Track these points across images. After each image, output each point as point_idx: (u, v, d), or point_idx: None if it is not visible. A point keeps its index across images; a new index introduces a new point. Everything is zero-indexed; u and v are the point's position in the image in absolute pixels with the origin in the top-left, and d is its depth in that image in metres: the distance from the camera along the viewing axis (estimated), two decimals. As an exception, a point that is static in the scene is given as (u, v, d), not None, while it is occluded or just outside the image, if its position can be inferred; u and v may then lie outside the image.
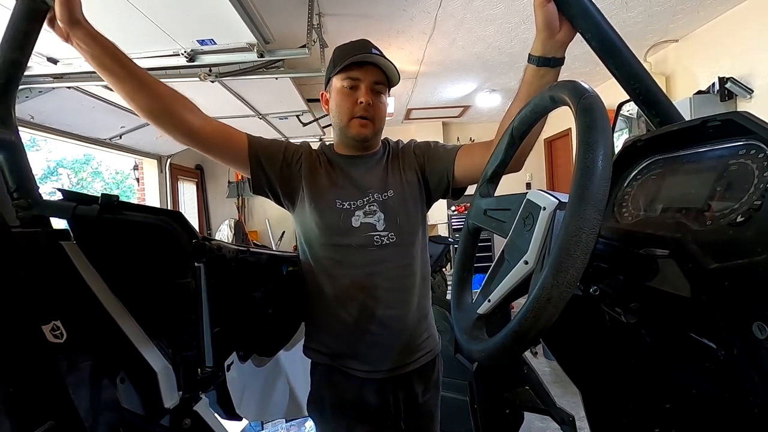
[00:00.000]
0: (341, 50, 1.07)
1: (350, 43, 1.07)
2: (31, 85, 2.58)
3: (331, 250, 1.05)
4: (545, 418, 1.70)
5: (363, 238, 1.03)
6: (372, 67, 1.03)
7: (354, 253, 1.03)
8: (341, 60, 1.04)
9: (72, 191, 0.92)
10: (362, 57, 1.02)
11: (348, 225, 1.03)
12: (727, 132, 0.55)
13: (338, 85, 1.06)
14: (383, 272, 1.04)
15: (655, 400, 0.69)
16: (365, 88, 1.03)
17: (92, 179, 10.81)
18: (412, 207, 1.10)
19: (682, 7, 3.04)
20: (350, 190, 1.07)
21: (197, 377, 0.94)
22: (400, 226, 1.05)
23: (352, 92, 1.04)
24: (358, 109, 1.04)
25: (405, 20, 3.03)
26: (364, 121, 1.05)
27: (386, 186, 1.08)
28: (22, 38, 0.88)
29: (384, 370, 1.05)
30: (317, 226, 1.04)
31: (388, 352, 1.05)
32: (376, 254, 1.03)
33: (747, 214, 0.46)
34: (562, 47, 0.86)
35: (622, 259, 0.59)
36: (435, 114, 5.79)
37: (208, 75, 2.58)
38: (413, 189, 1.10)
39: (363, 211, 1.04)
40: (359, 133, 1.06)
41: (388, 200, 1.06)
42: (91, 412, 0.75)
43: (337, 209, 1.04)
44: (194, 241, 0.92)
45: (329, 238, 1.04)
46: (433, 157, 1.11)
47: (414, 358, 1.08)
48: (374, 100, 1.05)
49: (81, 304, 0.85)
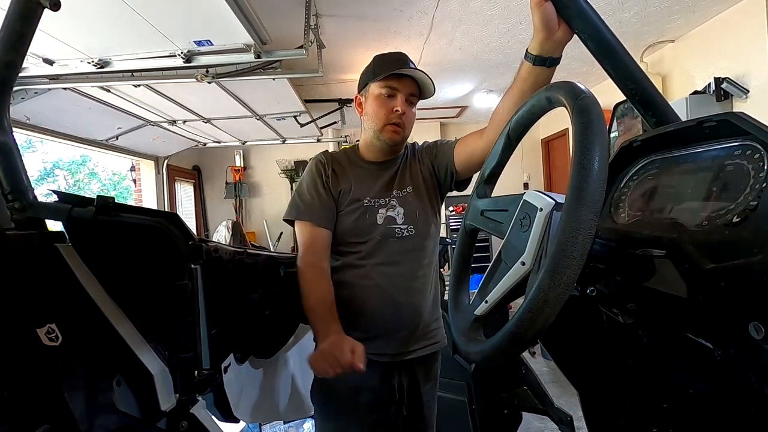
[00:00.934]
0: (383, 60, 1.16)
1: (390, 55, 1.17)
2: (26, 86, 2.57)
3: (357, 246, 1.13)
4: (543, 418, 1.70)
5: (385, 230, 1.13)
6: (409, 79, 1.13)
7: (378, 244, 1.12)
8: (382, 69, 1.12)
9: (67, 193, 0.92)
10: (404, 70, 1.11)
11: (373, 221, 1.13)
12: (722, 132, 0.55)
13: (377, 92, 1.14)
14: (403, 262, 1.13)
15: (653, 400, 0.69)
16: (402, 98, 1.13)
17: (89, 181, 10.76)
18: (428, 202, 1.20)
19: (678, 7, 3.06)
20: (378, 191, 1.16)
21: (194, 380, 0.94)
22: (417, 220, 1.15)
23: (390, 100, 1.13)
24: (394, 117, 1.12)
25: (402, 21, 3.03)
26: (397, 128, 1.13)
27: (405, 183, 1.19)
28: (17, 39, 0.87)
29: (390, 354, 1.11)
30: (347, 223, 1.14)
31: (398, 336, 1.11)
32: (398, 245, 1.13)
33: (743, 214, 0.46)
34: (559, 47, 0.86)
35: (619, 259, 0.59)
36: (432, 114, 5.79)
37: (205, 76, 2.58)
38: (428, 186, 1.21)
39: (386, 208, 1.15)
40: (391, 138, 1.14)
41: (407, 196, 1.17)
42: (86, 415, 0.75)
43: (365, 207, 1.14)
44: (191, 243, 0.92)
45: (356, 235, 1.13)
46: (439, 153, 1.21)
47: (421, 345, 1.15)
48: (408, 110, 1.14)
49: (77, 307, 0.84)
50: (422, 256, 1.16)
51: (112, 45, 2.24)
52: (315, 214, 1.13)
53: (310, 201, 1.14)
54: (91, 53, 2.28)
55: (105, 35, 2.14)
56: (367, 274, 1.12)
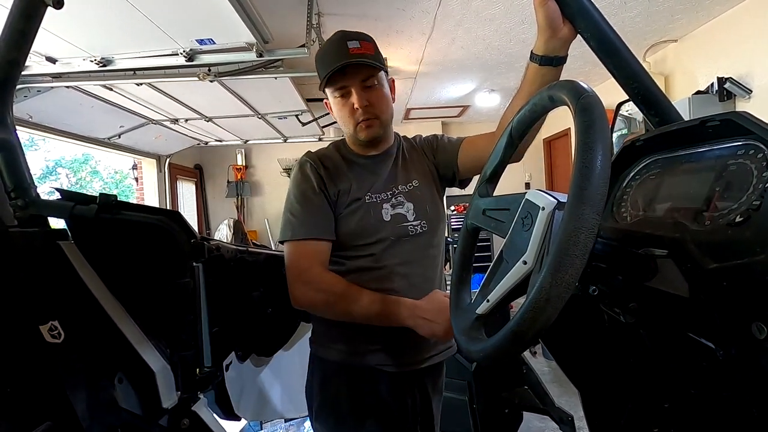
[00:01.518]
0: (320, 60, 1.03)
1: (325, 49, 1.04)
2: (29, 85, 2.58)
3: (366, 248, 1.03)
4: (544, 418, 1.70)
5: (397, 229, 1.04)
6: (353, 66, 0.99)
7: (391, 245, 1.03)
8: (322, 72, 1.01)
9: (70, 191, 0.92)
10: (338, 66, 0.97)
11: (379, 218, 1.04)
12: (725, 132, 0.55)
13: (331, 97, 1.05)
14: (419, 261, 1.06)
15: (654, 399, 0.69)
16: (356, 91, 1.01)
17: (91, 179, 10.79)
18: (436, 196, 1.14)
19: (681, 7, 3.05)
20: (377, 185, 1.07)
21: (195, 377, 0.94)
22: (429, 215, 1.08)
23: (346, 99, 1.03)
24: (359, 115, 1.02)
25: (404, 20, 3.03)
26: (368, 122, 1.03)
27: (410, 177, 1.10)
28: (20, 37, 0.88)
29: (405, 362, 1.03)
30: (350, 225, 1.03)
31: (413, 342, 1.02)
32: (412, 244, 1.05)
33: (746, 214, 0.46)
34: (564, 46, 0.86)
35: (621, 259, 0.58)
36: (434, 114, 5.79)
37: (207, 74, 2.58)
38: (434, 178, 1.14)
39: (390, 204, 1.05)
40: (368, 135, 1.05)
41: (415, 190, 1.08)
42: (88, 412, 0.75)
43: (367, 204, 1.04)
44: (192, 241, 0.92)
45: (363, 236, 1.03)
46: (441, 148, 1.15)
47: (438, 349, 1.08)
48: (370, 98, 1.02)
49: (79, 304, 0.84)
50: (435, 254, 1.10)
51: (114, 44, 2.25)
52: (313, 227, 1.01)
53: (303, 215, 1.02)
54: (94, 52, 2.29)
55: (108, 34, 2.14)
56: (381, 277, 1.02)
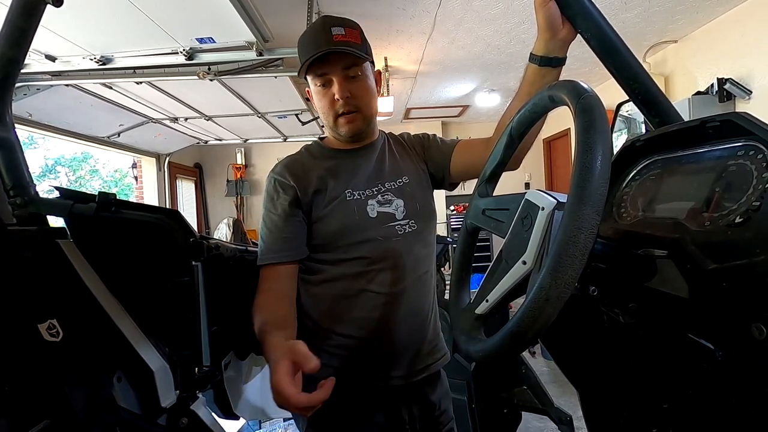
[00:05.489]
0: (301, 45, 0.96)
1: (306, 35, 0.96)
2: (29, 83, 2.57)
3: (355, 249, 0.95)
4: (543, 418, 1.70)
5: (384, 230, 0.96)
6: (335, 54, 0.91)
7: (379, 246, 0.95)
8: (303, 58, 0.93)
9: (69, 189, 0.92)
10: (319, 53, 0.90)
11: (364, 216, 0.95)
12: (725, 133, 0.55)
13: (312, 85, 0.98)
14: (409, 263, 0.97)
15: (653, 400, 0.69)
16: (338, 81, 0.93)
17: (90, 177, 10.78)
18: (428, 193, 1.07)
19: (681, 7, 3.05)
20: (358, 180, 0.99)
21: (194, 376, 0.94)
22: (420, 213, 1.00)
23: (327, 89, 0.95)
24: (339, 106, 0.95)
25: (405, 19, 3.03)
26: (350, 116, 0.96)
27: (400, 172, 1.03)
28: (19, 35, 0.87)
29: (399, 376, 0.96)
30: (332, 225, 0.96)
31: (408, 353, 0.97)
32: (401, 244, 0.97)
33: (746, 215, 0.46)
34: (564, 46, 0.85)
35: (621, 259, 0.58)
36: (434, 113, 5.79)
37: (207, 73, 2.58)
38: (426, 175, 1.07)
39: (376, 201, 0.97)
40: (349, 130, 0.98)
41: (405, 186, 1.01)
42: (87, 411, 0.75)
43: (348, 201, 0.96)
44: (192, 240, 0.92)
45: (348, 236, 0.95)
46: (434, 147, 1.09)
47: (434, 358, 1.02)
48: (352, 89, 0.94)
49: (78, 303, 0.84)
50: (426, 254, 1.02)
51: (114, 42, 2.24)
52: (274, 253, 0.95)
53: (268, 239, 0.96)
54: (94, 50, 2.29)
55: (107, 32, 2.14)
56: (369, 283, 0.94)
